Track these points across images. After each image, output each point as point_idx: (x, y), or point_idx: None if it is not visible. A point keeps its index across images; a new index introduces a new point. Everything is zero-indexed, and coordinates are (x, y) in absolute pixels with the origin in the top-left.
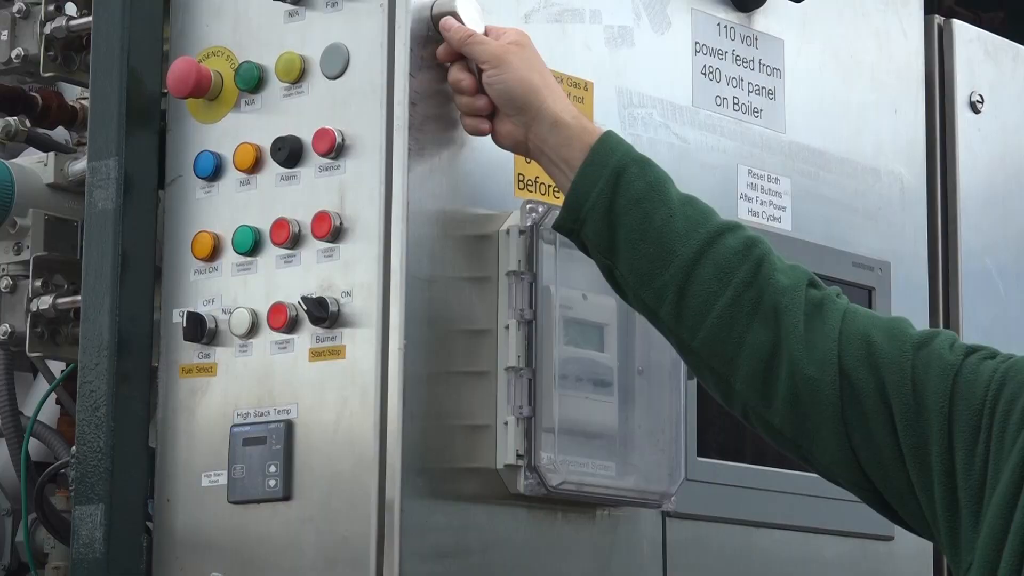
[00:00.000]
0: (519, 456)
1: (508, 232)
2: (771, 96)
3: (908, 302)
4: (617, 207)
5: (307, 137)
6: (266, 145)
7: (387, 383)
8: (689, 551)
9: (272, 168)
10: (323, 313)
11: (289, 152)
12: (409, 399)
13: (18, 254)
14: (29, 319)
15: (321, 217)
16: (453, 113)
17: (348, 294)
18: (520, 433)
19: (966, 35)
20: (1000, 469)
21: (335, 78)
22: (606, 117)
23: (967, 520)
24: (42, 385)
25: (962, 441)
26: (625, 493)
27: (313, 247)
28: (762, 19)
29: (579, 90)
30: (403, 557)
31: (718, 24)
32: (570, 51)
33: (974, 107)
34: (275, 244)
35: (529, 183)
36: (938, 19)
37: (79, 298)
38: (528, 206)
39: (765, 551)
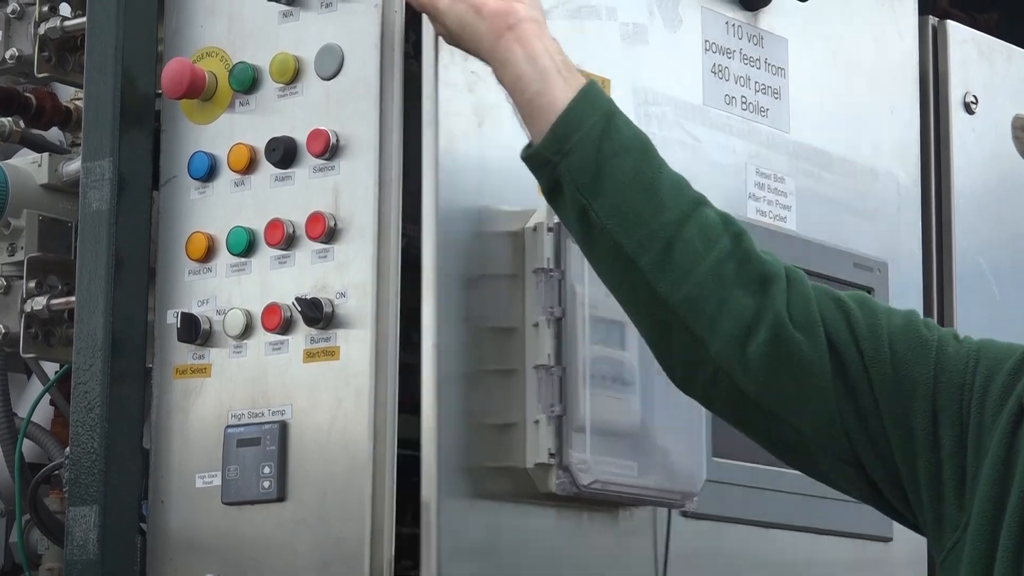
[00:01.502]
0: (551, 455)
1: (535, 229)
2: (776, 96)
3: (903, 303)
4: (606, 147)
5: (301, 138)
6: (260, 146)
7: (381, 384)
8: (703, 552)
9: (266, 169)
10: (317, 314)
11: (283, 153)
12: (444, 398)
13: (12, 255)
14: (23, 320)
15: (315, 218)
16: (482, 107)
17: (342, 295)
18: (551, 432)
19: (960, 36)
20: (980, 448)
21: (329, 79)
22: None
23: (949, 496)
24: (36, 386)
25: (946, 416)
26: (650, 493)
27: (307, 248)
28: (767, 18)
29: None
30: (441, 557)
31: (726, 23)
32: (588, 48)
33: (968, 108)
34: (269, 245)
35: None
36: (932, 20)
37: (73, 299)
38: None
39: (780, 552)
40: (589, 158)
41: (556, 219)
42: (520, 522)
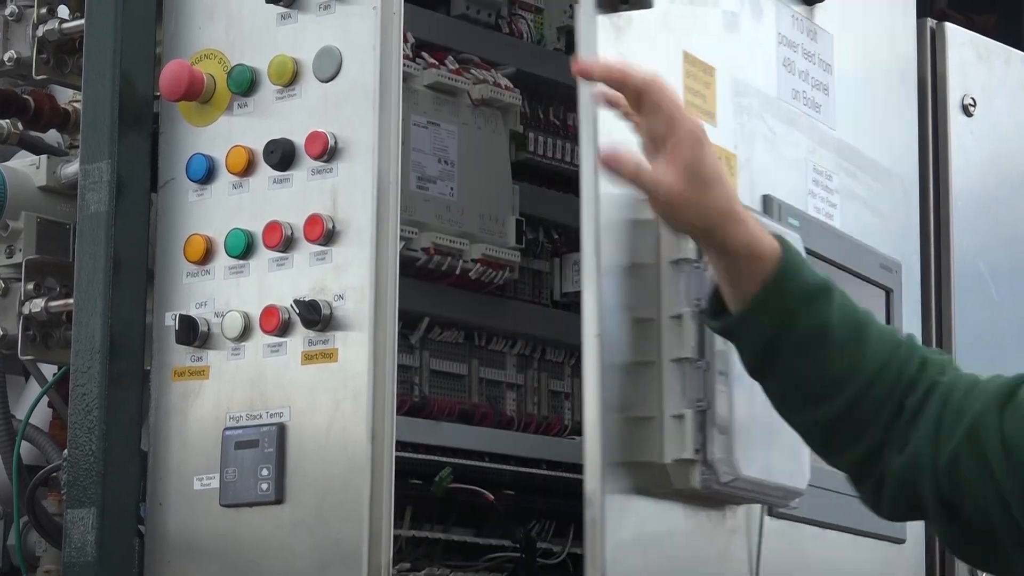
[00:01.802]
0: (696, 451)
1: None
2: (826, 91)
3: (904, 304)
4: (780, 347)
5: (299, 140)
6: (259, 148)
7: (379, 386)
8: (783, 553)
9: (264, 171)
10: (315, 316)
11: (281, 155)
12: (606, 390)
13: (10, 257)
14: (21, 322)
15: (313, 220)
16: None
17: (340, 297)
18: (695, 427)
19: (958, 38)
20: None
21: (328, 81)
22: (723, 104)
23: None
24: (34, 388)
25: None
26: (767, 491)
27: (305, 250)
28: (819, 13)
29: (707, 76)
30: (605, 550)
31: (792, 16)
32: (698, 35)
33: (966, 110)
34: (267, 247)
35: None
36: (931, 22)
37: (71, 301)
38: None
39: (833, 550)
40: (757, 350)
41: None
42: (659, 518)
